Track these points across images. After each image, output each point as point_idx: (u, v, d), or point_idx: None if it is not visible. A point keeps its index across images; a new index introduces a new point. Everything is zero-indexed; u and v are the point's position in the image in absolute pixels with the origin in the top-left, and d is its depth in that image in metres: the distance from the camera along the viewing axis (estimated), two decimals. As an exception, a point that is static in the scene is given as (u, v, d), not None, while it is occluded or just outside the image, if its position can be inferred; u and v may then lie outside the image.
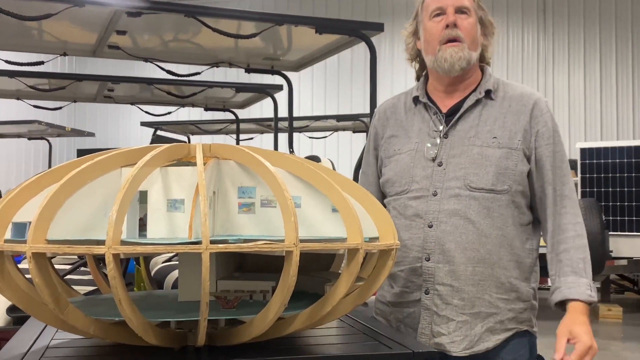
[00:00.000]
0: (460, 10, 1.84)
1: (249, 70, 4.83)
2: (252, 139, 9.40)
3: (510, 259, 1.80)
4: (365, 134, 9.44)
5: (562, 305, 1.77)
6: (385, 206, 1.96)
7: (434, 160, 1.84)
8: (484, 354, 1.78)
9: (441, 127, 1.86)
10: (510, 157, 1.80)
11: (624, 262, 7.74)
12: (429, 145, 1.86)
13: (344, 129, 9.58)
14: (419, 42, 1.94)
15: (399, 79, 12.96)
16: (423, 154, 1.85)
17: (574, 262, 1.77)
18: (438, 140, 1.85)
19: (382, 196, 1.98)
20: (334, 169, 3.64)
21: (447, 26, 1.83)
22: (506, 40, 12.74)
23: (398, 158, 1.90)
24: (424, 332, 1.80)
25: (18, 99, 5.85)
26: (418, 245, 1.81)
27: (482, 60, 1.94)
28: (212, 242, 1.09)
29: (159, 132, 8.48)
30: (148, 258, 3.55)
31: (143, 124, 8.58)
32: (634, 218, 7.81)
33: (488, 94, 1.87)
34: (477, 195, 1.78)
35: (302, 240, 1.13)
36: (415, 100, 1.94)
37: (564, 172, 1.83)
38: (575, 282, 1.75)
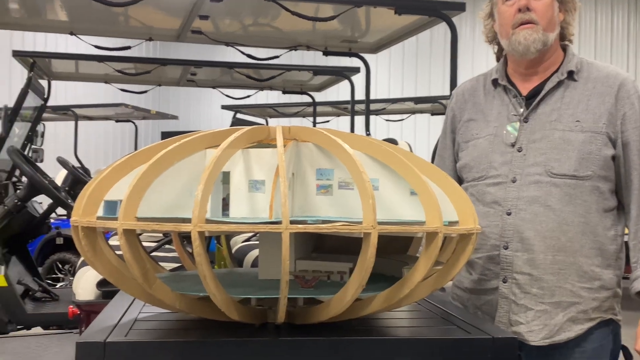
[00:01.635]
0: None
1: (326, 52, 4.83)
2: (328, 121, 9.42)
3: (593, 247, 1.74)
4: (443, 116, 9.27)
5: None
6: None
7: (513, 145, 1.78)
8: (565, 343, 1.74)
9: (521, 111, 1.80)
10: (594, 142, 1.72)
11: None
12: (508, 129, 1.80)
13: (421, 112, 9.44)
14: (495, 24, 1.89)
15: (480, 59, 12.63)
16: (502, 139, 1.80)
17: None
18: (518, 125, 1.80)
19: (459, 181, 1.95)
20: (411, 152, 3.61)
21: (519, 10, 1.77)
22: (594, 19, 12.16)
23: (476, 143, 1.86)
24: (501, 320, 1.77)
25: (106, 82, 6.09)
26: (496, 233, 1.77)
27: (564, 39, 1.86)
28: (292, 222, 1.11)
29: (239, 115, 8.64)
30: (229, 237, 3.65)
31: (223, 107, 8.76)
32: None
33: (571, 75, 1.79)
34: (559, 181, 1.72)
35: (380, 223, 1.14)
36: (495, 82, 1.89)
37: None
38: None
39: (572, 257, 1.72)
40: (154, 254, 3.30)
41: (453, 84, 3.55)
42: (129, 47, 4.53)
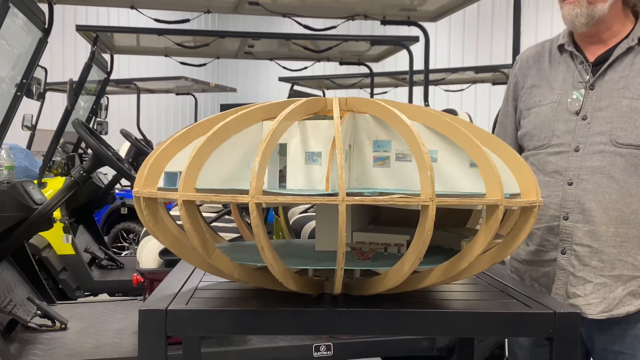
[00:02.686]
0: None
1: (384, 22, 4.76)
2: (386, 92, 9.33)
3: None
4: (505, 85, 9.03)
5: None
6: None
7: (577, 113, 1.72)
8: (624, 317, 1.69)
9: (587, 78, 1.74)
10: None
11: None
12: (573, 96, 1.74)
13: (482, 81, 9.22)
14: None
15: (544, 27, 12.20)
16: (566, 106, 1.74)
17: None
18: (583, 92, 1.73)
19: (519, 150, 1.91)
20: (471, 122, 3.54)
21: None
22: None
23: (538, 110, 1.80)
24: (558, 292, 1.74)
25: (166, 55, 6.19)
26: (556, 203, 1.73)
27: (635, 5, 1.77)
28: (348, 194, 1.11)
29: (296, 87, 8.65)
30: (286, 208, 3.68)
31: (281, 79, 8.79)
32: None
33: None
34: (624, 151, 1.66)
35: (438, 195, 1.12)
36: (561, 48, 1.82)
37: None
38: None
39: (636, 229, 1.67)
40: (213, 224, 3.36)
41: (515, 51, 3.44)
42: (187, 20, 4.58)
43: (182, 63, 6.19)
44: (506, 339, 3.10)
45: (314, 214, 3.43)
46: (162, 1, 4.55)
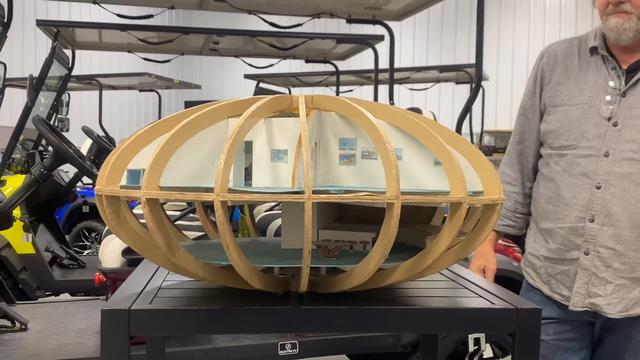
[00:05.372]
0: None
1: (350, 20, 4.77)
2: (351, 91, 9.37)
3: None
4: (468, 85, 9.15)
5: None
6: (541, 156, 1.90)
7: (609, 119, 1.75)
8: (638, 316, 1.78)
9: (620, 85, 1.77)
10: None
11: None
12: (607, 101, 1.76)
13: (446, 81, 9.33)
14: None
15: (506, 26, 12.39)
16: (598, 110, 1.77)
17: None
18: (616, 99, 1.76)
19: (538, 145, 1.93)
20: (435, 121, 3.58)
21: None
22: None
23: (567, 110, 1.82)
24: (579, 291, 1.79)
25: (129, 52, 6.10)
26: (582, 205, 1.76)
27: None
28: (315, 192, 1.11)
29: (262, 85, 8.62)
30: (252, 206, 3.67)
31: (246, 76, 8.75)
32: None
33: None
34: None
35: (403, 193, 1.12)
36: (592, 50, 1.84)
37: None
38: None
39: None
40: (177, 222, 3.33)
41: (479, 51, 3.49)
42: (151, 16, 4.53)
43: (145, 59, 6.11)
44: (469, 335, 3.14)
45: (280, 211, 3.42)
46: (125, -4, 4.48)
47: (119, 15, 4.50)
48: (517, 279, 3.19)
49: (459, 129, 3.66)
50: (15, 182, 4.45)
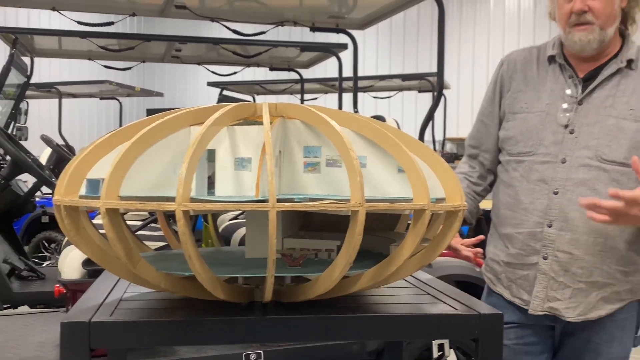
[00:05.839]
0: None
1: (313, 29, 4.78)
2: (316, 99, 9.39)
3: (633, 232, 1.77)
4: (430, 93, 9.26)
5: None
6: (499, 162, 1.93)
7: (566, 126, 1.78)
8: (597, 320, 1.80)
9: (577, 93, 1.80)
10: None
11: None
12: (563, 109, 1.79)
13: (409, 89, 9.43)
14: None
15: (467, 36, 12.58)
16: (555, 117, 1.80)
17: None
18: (573, 106, 1.79)
19: (497, 151, 1.95)
20: (399, 129, 3.61)
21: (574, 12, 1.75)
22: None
23: (526, 117, 1.85)
24: (538, 295, 1.81)
25: (90, 59, 6.00)
26: (540, 210, 1.79)
27: (625, 22, 1.83)
28: (279, 200, 1.10)
29: (225, 92, 8.58)
30: (216, 215, 3.64)
31: (210, 84, 8.69)
32: None
33: (629, 63, 1.79)
34: (608, 167, 1.74)
35: (367, 200, 1.13)
36: (550, 59, 1.87)
37: None
38: None
39: (613, 240, 1.76)
40: (139, 232, 3.28)
41: (440, 60, 3.54)
42: (112, 23, 4.47)
43: (106, 67, 6.02)
44: (433, 341, 3.16)
45: (245, 220, 3.40)
46: (86, 3, 4.41)
47: (79, 23, 4.42)
48: (478, 284, 3.23)
49: (421, 137, 3.70)
50: (-29, 193, 4.32)
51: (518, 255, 1.85)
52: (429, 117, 3.65)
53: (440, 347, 3.20)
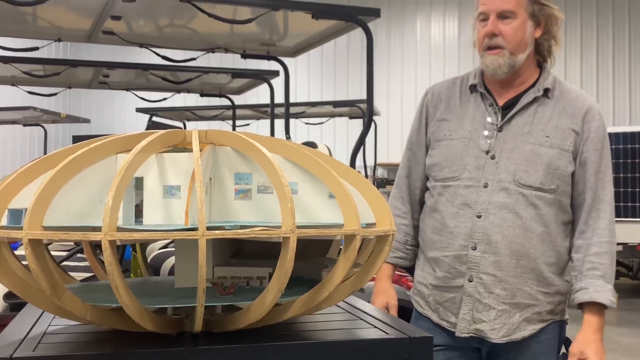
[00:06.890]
0: (503, 15, 1.82)
1: (245, 55, 4.80)
2: (248, 125, 9.37)
3: (552, 255, 1.85)
4: (361, 120, 9.40)
5: (583, 306, 1.83)
6: (427, 189, 1.97)
7: (487, 152, 1.85)
8: (520, 341, 1.85)
9: (497, 120, 1.87)
10: (561, 158, 1.83)
11: (620, 248, 7.78)
12: (485, 135, 1.86)
13: (340, 115, 9.55)
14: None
15: (395, 64, 12.91)
16: (477, 144, 1.87)
17: (605, 267, 1.83)
18: (493, 133, 1.86)
19: (425, 178, 1.99)
20: (330, 155, 3.64)
21: (487, 35, 1.83)
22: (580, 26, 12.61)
23: (449, 143, 1.91)
24: (464, 317, 1.84)
25: (13, 85, 5.81)
26: (464, 233, 1.84)
27: (542, 52, 1.91)
28: (209, 228, 1.09)
29: (155, 119, 8.45)
30: (144, 245, 3.55)
31: (138, 110, 8.54)
32: (629, 204, 7.84)
33: (546, 92, 1.88)
34: (525, 191, 1.81)
35: (299, 227, 1.13)
36: (472, 88, 1.94)
37: (607, 178, 1.87)
38: (603, 287, 1.81)
39: (534, 262, 1.83)
40: (64, 263, 3.16)
41: (369, 87, 3.61)
42: (37, 48, 4.35)
43: (30, 92, 5.84)
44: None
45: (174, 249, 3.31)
46: (9, 28, 4.28)
47: (2, 47, 4.29)
48: (410, 307, 3.27)
49: (353, 162, 3.75)
50: None
51: (445, 278, 1.89)
52: (360, 142, 3.71)
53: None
